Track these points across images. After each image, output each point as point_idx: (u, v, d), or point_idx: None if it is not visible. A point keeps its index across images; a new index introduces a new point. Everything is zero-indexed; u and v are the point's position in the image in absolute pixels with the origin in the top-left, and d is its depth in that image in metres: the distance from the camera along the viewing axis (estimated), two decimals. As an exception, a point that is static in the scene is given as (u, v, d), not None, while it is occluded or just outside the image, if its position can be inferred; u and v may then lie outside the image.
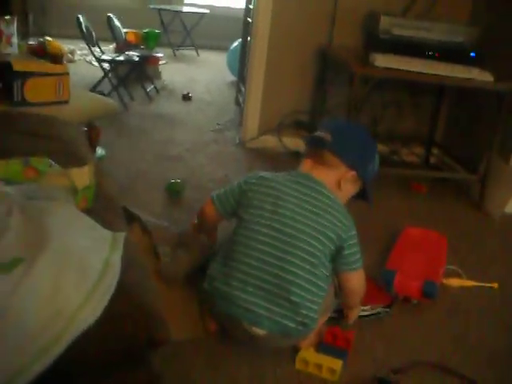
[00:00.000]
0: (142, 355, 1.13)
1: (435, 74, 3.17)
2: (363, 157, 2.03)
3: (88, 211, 1.40)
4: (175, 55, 7.79)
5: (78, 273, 1.14)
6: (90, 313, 1.07)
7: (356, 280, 1.98)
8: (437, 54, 3.46)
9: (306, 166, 2.01)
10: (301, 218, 1.87)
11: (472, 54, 3.49)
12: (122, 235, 1.27)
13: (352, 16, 3.77)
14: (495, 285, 2.59)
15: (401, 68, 3.13)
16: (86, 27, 4.93)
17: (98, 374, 1.07)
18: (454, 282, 2.55)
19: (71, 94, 2.78)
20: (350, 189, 2.03)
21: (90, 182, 1.43)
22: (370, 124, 3.90)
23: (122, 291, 1.14)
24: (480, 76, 3.19)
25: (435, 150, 4.19)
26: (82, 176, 1.43)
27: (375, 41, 3.48)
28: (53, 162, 1.56)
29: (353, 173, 1.98)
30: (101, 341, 1.06)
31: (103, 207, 1.51)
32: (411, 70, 3.14)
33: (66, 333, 1.04)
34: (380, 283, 2.35)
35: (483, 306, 2.45)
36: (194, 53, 8.04)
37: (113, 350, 1.08)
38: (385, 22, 3.42)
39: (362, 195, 2.10)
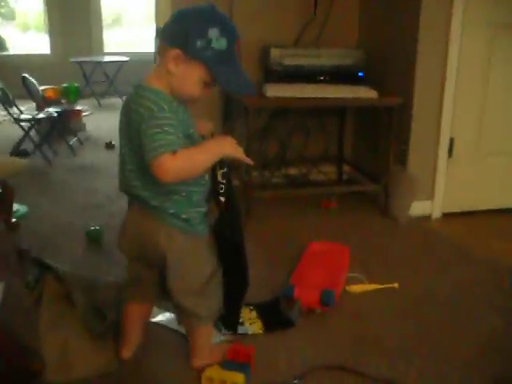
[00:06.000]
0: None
1: (325, 97, 3.41)
2: (185, 30, 1.72)
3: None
4: (100, 105, 7.94)
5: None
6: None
7: (161, 168, 1.68)
8: (327, 78, 3.71)
9: None
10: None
11: (360, 75, 3.75)
12: (1, 285, 1.41)
13: (248, 52, 3.95)
14: (396, 285, 2.79)
15: (291, 96, 3.35)
16: (2, 89, 5.04)
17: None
18: (357, 288, 2.74)
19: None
20: (183, 71, 1.76)
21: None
22: (279, 150, 4.11)
23: (2, 333, 1.28)
24: (365, 94, 3.44)
25: (346, 167, 4.42)
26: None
27: (269, 72, 3.70)
28: None
29: (174, 51, 1.72)
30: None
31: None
32: (301, 96, 3.37)
33: None
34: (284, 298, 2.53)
35: (384, 306, 2.64)
36: (119, 100, 8.18)
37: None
38: (275, 53, 3.66)
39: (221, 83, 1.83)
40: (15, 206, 3.49)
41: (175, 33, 1.75)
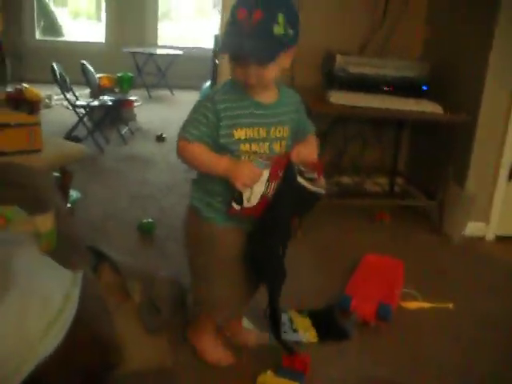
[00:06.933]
0: (99, 377, 1.26)
1: (388, 109, 3.36)
2: None
3: (52, 253, 1.54)
4: (150, 96, 7.98)
5: (40, 308, 1.27)
6: (50, 342, 1.21)
7: (177, 144, 1.87)
8: (391, 89, 3.66)
9: None
10: None
11: (424, 88, 3.69)
12: (80, 273, 1.41)
13: (312, 56, 3.95)
14: (450, 305, 2.74)
15: (354, 104, 3.32)
16: (61, 74, 5.11)
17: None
18: (411, 304, 2.70)
19: (44, 142, 2.93)
20: None
21: (51, 226, 1.58)
22: (334, 157, 4.07)
23: (80, 322, 1.28)
24: (430, 108, 3.38)
25: (399, 180, 4.37)
26: (45, 221, 1.57)
27: (333, 79, 3.67)
28: (20, 209, 1.70)
29: None
30: (60, 366, 1.20)
31: (66, 249, 1.65)
32: (365, 105, 3.33)
33: (28, 361, 1.18)
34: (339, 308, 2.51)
35: (438, 325, 2.60)
36: (168, 93, 8.25)
37: (71, 373, 1.21)
38: (340, 60, 3.62)
39: None
40: (68, 192, 3.52)
41: None
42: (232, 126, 1.82)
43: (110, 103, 5.43)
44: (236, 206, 1.83)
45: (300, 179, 1.86)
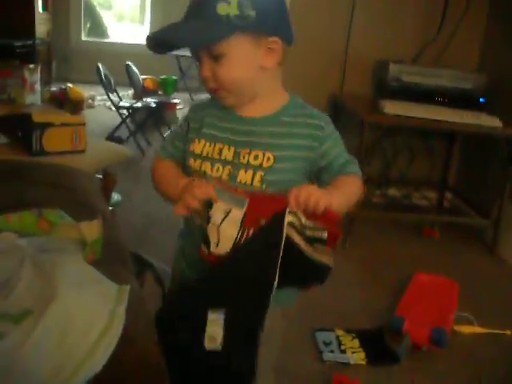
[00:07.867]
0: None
1: (444, 121, 3.22)
2: None
3: (96, 263, 1.45)
4: (193, 100, 7.93)
5: (84, 325, 1.18)
6: (96, 362, 1.11)
7: None
8: (446, 100, 3.51)
9: None
10: None
11: (481, 100, 3.53)
12: (127, 288, 1.31)
13: (362, 64, 3.84)
14: (508, 331, 2.59)
15: (410, 115, 3.18)
16: (105, 75, 5.08)
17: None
18: (466, 328, 2.56)
19: (87, 143, 2.86)
20: None
21: (98, 235, 1.48)
22: (382, 168, 3.94)
23: (126, 341, 1.18)
24: (488, 122, 3.23)
25: (448, 194, 4.20)
26: (92, 229, 1.48)
27: (385, 88, 3.55)
28: (64, 214, 1.62)
29: None
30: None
31: (111, 259, 1.55)
32: (420, 116, 3.19)
33: (73, 380, 1.08)
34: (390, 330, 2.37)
35: (495, 353, 2.45)
36: (210, 97, 8.18)
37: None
38: (394, 69, 3.50)
39: None
40: (108, 194, 3.45)
41: None
42: (195, 137, 1.41)
43: (153, 105, 5.38)
44: (204, 248, 1.34)
45: (296, 238, 1.16)
